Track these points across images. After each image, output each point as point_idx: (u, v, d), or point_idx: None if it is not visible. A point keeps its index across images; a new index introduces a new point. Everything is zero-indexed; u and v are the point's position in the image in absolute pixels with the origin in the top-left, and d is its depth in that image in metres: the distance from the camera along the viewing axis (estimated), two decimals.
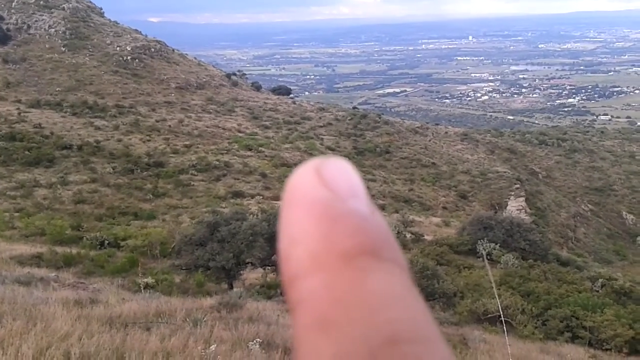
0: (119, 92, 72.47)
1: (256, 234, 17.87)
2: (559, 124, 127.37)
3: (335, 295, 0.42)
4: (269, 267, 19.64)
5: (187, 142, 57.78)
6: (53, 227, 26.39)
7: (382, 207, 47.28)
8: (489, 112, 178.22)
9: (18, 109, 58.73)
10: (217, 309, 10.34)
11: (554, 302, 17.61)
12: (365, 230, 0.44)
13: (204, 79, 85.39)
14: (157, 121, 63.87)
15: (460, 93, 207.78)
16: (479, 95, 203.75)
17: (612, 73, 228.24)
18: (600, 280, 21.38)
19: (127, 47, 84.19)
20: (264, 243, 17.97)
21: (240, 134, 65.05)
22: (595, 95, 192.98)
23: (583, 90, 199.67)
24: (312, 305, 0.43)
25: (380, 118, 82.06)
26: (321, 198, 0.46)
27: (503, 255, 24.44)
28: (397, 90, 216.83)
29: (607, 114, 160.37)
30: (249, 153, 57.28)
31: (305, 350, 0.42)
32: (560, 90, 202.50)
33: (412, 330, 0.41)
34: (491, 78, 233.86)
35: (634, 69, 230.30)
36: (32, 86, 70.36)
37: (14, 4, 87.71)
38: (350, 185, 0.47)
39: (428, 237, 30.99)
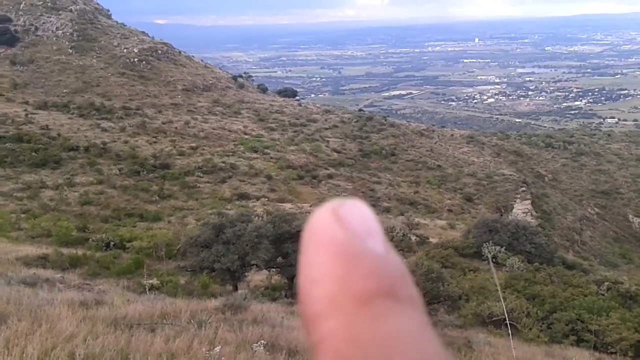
0: (126, 94, 72.73)
1: (261, 236, 17.88)
2: (565, 127, 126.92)
3: (352, 336, 0.44)
4: (274, 269, 19.65)
5: (193, 144, 57.91)
6: (59, 228, 26.47)
7: (388, 210, 47.26)
8: (495, 114, 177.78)
9: (25, 110, 58.99)
10: (221, 310, 10.36)
11: (560, 306, 17.56)
12: (381, 271, 0.46)
13: (211, 81, 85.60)
14: (163, 123, 64.04)
15: (467, 95, 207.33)
16: (485, 97, 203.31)
17: (619, 76, 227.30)
18: (606, 283, 21.29)
19: (134, 49, 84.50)
20: (269, 245, 17.98)
21: (246, 136, 65.14)
22: (602, 98, 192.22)
23: (590, 93, 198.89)
24: (330, 346, 0.44)
25: (386, 120, 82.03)
26: (338, 238, 0.47)
27: (508, 258, 24.38)
28: (403, 92, 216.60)
29: (613, 117, 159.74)
30: (254, 155, 57.35)
31: None
32: (567, 93, 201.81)
33: None
34: (497, 81, 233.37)
35: None
36: (39, 88, 70.71)
37: (21, 5, 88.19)
38: (367, 225, 0.49)
39: (433, 240, 30.96)
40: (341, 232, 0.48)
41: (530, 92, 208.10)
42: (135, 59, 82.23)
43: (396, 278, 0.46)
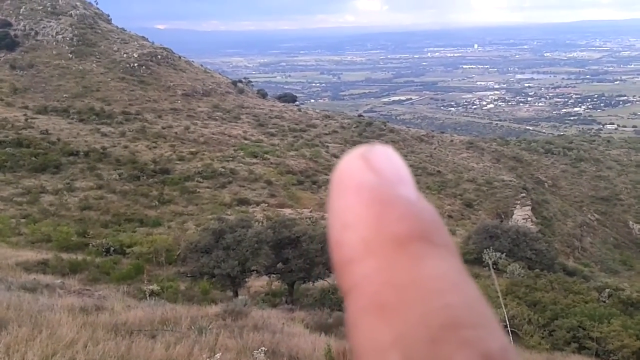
0: (126, 99, 72.75)
1: (261, 241, 17.84)
2: (565, 133, 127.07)
3: (390, 279, 0.43)
4: (274, 275, 19.61)
5: (193, 149, 57.89)
6: (59, 233, 26.45)
7: None
8: (495, 120, 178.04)
9: (25, 115, 58.96)
10: (222, 316, 10.32)
11: (561, 313, 17.52)
12: (415, 216, 0.45)
13: (210, 86, 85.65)
14: (163, 128, 64.04)
15: (466, 101, 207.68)
16: (484, 103, 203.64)
17: (618, 82, 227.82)
18: (607, 290, 21.26)
19: (134, 54, 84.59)
20: (269, 251, 17.94)
21: (245, 141, 65.14)
22: (602, 104, 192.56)
23: (589, 99, 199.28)
24: (366, 289, 0.43)
25: (385, 126, 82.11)
26: (370, 184, 0.46)
27: (509, 264, 24.34)
28: (403, 98, 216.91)
29: (613, 123, 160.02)
30: (254, 160, 57.32)
31: (362, 334, 0.42)
32: (566, 99, 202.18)
33: (470, 315, 0.41)
34: (497, 86, 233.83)
35: None
36: (39, 92, 70.72)
37: (22, 10, 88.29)
38: (398, 172, 0.48)
39: None
40: (372, 176, 0.47)
41: (529, 98, 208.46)
42: (135, 64, 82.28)
43: (431, 224, 0.46)
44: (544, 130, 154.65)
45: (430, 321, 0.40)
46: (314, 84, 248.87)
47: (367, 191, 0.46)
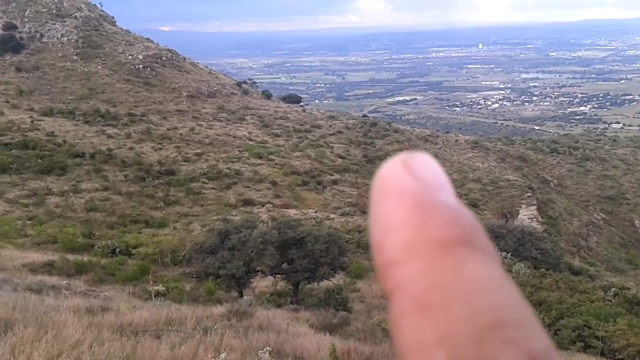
0: (131, 101, 72.93)
1: (266, 242, 17.87)
2: (570, 132, 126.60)
3: (435, 280, 0.44)
4: (279, 276, 19.63)
5: (198, 150, 58.00)
6: (65, 235, 26.55)
7: None
8: (500, 120, 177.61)
9: (31, 117, 59.19)
10: (227, 317, 10.34)
11: (566, 312, 17.48)
12: (457, 221, 0.47)
13: (215, 88, 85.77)
14: (168, 129, 64.18)
15: (471, 101, 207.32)
16: (489, 103, 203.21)
17: (623, 81, 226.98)
18: (613, 289, 21.20)
19: (139, 56, 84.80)
20: (274, 251, 17.97)
21: (250, 142, 65.21)
22: (607, 103, 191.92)
23: (594, 99, 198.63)
24: (410, 289, 0.44)
25: (390, 126, 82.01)
26: (412, 189, 0.48)
27: (514, 264, 24.30)
28: (407, 98, 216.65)
29: (618, 122, 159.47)
30: (259, 161, 57.39)
31: (406, 334, 0.43)
32: (572, 99, 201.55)
33: (514, 315, 0.43)
34: (502, 86, 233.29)
35: None
36: (44, 94, 70.98)
37: (27, 12, 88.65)
38: (438, 178, 0.50)
39: None
40: (413, 183, 0.48)
41: (534, 98, 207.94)
42: (140, 66, 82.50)
43: (472, 229, 0.47)
44: (549, 130, 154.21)
45: (476, 321, 0.41)
46: (318, 85, 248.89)
47: (410, 197, 0.48)
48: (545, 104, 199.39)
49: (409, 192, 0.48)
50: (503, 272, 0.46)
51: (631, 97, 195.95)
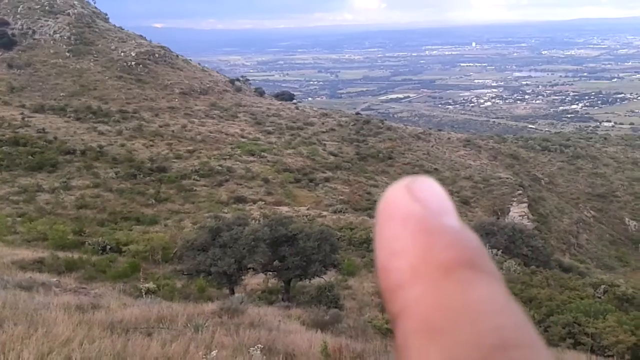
0: (123, 98, 72.64)
1: (258, 239, 17.85)
2: (562, 130, 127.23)
3: (440, 303, 0.45)
4: (271, 273, 19.64)
5: (190, 148, 57.87)
6: (55, 232, 26.41)
7: None
8: (492, 118, 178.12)
9: (22, 113, 58.89)
10: (218, 314, 10.35)
11: (556, 309, 17.58)
12: (461, 244, 0.47)
13: (208, 85, 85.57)
14: (160, 126, 63.99)
15: (463, 99, 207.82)
16: (482, 101, 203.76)
17: (615, 80, 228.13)
18: (603, 286, 21.35)
19: (132, 53, 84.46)
20: (265, 248, 17.96)
21: (243, 140, 65.11)
22: (599, 102, 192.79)
23: (586, 97, 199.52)
24: (416, 312, 0.45)
25: (383, 124, 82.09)
26: (416, 213, 0.49)
27: (505, 261, 24.42)
28: (400, 96, 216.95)
29: (610, 121, 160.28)
30: (251, 158, 57.33)
31: (412, 355, 0.44)
32: (564, 97, 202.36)
33: (518, 336, 0.44)
34: (494, 84, 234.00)
35: (638, 75, 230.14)
36: (36, 91, 70.58)
37: (19, 9, 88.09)
38: (441, 202, 0.51)
39: None
40: (417, 207, 0.49)
41: (527, 96, 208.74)
42: (133, 63, 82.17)
43: (476, 252, 0.48)
44: (541, 128, 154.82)
45: (481, 342, 0.42)
46: (311, 82, 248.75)
47: (414, 221, 0.48)
48: (538, 102, 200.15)
49: (413, 217, 0.49)
50: (507, 293, 0.47)
51: (623, 95, 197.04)
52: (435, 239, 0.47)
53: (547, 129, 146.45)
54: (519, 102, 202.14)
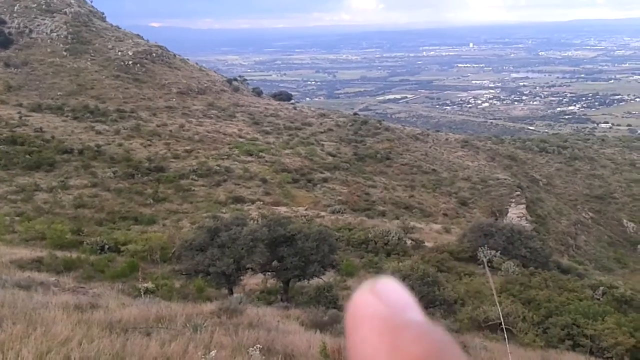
0: (120, 97, 72.56)
1: (256, 239, 17.81)
2: (559, 132, 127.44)
3: None
4: (269, 273, 19.60)
5: (187, 147, 57.81)
6: (53, 231, 26.33)
7: (383, 214, 47.24)
8: (490, 119, 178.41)
9: (19, 112, 58.76)
10: (217, 314, 10.31)
11: (555, 310, 17.57)
12: (426, 337, 0.49)
13: (205, 84, 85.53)
14: (158, 126, 63.91)
15: (461, 100, 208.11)
16: (479, 102, 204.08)
17: (612, 81, 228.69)
18: (601, 288, 21.35)
19: (129, 52, 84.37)
20: (264, 249, 17.92)
21: (241, 140, 65.07)
22: (596, 103, 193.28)
23: (584, 98, 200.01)
24: None
25: (380, 124, 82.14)
26: (381, 314, 0.51)
27: (504, 262, 24.41)
28: (398, 96, 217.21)
29: (607, 122, 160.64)
30: (249, 158, 57.30)
31: None
32: (561, 98, 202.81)
33: None
34: (492, 85, 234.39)
35: (635, 77, 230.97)
36: (33, 90, 70.45)
37: (16, 8, 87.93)
38: (403, 300, 0.53)
39: (429, 244, 30.95)
40: (382, 307, 0.52)
41: (524, 97, 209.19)
42: (130, 62, 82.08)
43: (443, 343, 0.49)
44: (538, 129, 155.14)
45: None
46: (309, 83, 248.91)
47: (380, 321, 0.51)
48: (535, 103, 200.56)
49: (378, 317, 0.51)
50: None
51: (620, 97, 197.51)
52: (401, 336, 0.49)
53: (544, 130, 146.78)
54: (516, 103, 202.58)
